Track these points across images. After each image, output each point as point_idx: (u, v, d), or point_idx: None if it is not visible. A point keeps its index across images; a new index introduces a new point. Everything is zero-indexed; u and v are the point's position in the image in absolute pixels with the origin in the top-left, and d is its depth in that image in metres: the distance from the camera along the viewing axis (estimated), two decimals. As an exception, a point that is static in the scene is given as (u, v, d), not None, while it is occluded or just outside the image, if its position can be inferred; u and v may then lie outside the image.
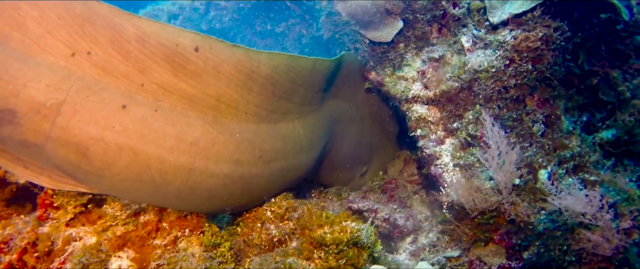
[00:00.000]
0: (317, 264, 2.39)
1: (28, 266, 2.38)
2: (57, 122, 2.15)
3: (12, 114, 2.10)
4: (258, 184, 2.69)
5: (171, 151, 2.32)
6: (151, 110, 2.31)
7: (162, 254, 2.40)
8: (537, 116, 3.23)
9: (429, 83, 3.45)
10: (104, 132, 2.21)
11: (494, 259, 3.04)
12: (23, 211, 2.56)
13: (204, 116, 2.44)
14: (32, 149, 2.19)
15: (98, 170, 2.25)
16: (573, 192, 2.84)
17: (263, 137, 2.71)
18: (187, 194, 2.43)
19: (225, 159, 2.49)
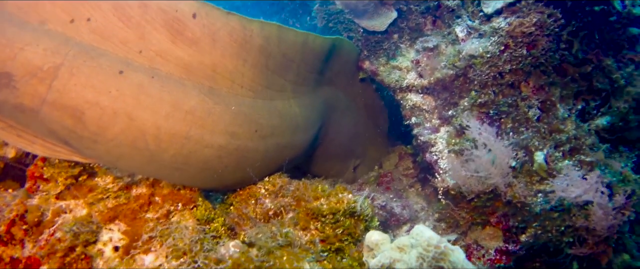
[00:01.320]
0: (313, 234, 2.36)
1: (16, 239, 2.33)
2: (53, 86, 2.13)
3: (9, 78, 2.09)
4: (253, 159, 2.66)
5: (167, 118, 2.30)
6: (148, 77, 2.30)
7: (154, 227, 2.36)
8: (532, 102, 3.24)
9: (423, 72, 3.46)
10: (100, 97, 2.19)
11: (491, 242, 3.01)
12: (11, 188, 2.51)
13: (200, 86, 2.44)
14: (28, 113, 2.16)
15: (93, 135, 2.22)
16: (569, 173, 2.82)
17: (259, 112, 2.70)
18: (181, 163, 2.39)
19: (221, 131, 2.48)
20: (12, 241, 2.33)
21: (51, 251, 2.20)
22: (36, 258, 2.29)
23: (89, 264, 2.23)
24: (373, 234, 2.23)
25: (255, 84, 2.70)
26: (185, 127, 2.35)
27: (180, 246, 2.29)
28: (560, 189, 2.73)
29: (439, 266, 1.87)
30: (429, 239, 1.92)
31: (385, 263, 1.98)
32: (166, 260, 2.30)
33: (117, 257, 2.31)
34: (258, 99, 2.73)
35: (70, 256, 2.20)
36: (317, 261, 2.25)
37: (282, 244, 2.29)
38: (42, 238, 2.26)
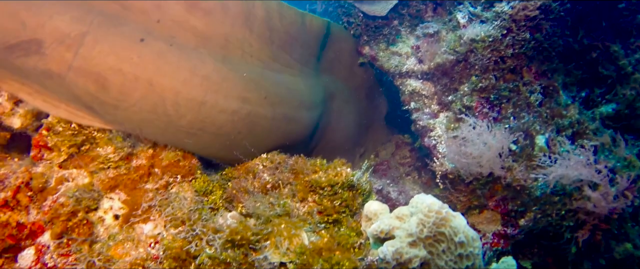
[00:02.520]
0: (311, 206, 2.39)
1: (21, 205, 2.40)
2: (79, 53, 2.22)
3: (39, 44, 2.17)
4: (262, 125, 2.77)
5: (185, 84, 2.41)
6: (167, 44, 2.42)
7: (153, 197, 2.41)
8: (534, 87, 3.23)
9: (423, 57, 3.47)
10: (122, 63, 2.29)
11: (489, 226, 3.00)
12: (17, 156, 2.59)
13: (214, 54, 2.57)
14: (55, 79, 2.24)
15: (114, 101, 2.31)
16: (572, 156, 2.80)
17: (268, 80, 2.83)
18: (198, 129, 2.49)
19: (234, 96, 2.59)
20: (18, 206, 2.40)
21: (54, 215, 2.26)
22: (40, 224, 2.36)
23: (90, 230, 2.29)
24: (372, 204, 2.25)
25: (263, 54, 2.85)
26: (201, 93, 2.46)
27: (178, 215, 2.34)
28: (558, 169, 2.70)
29: (440, 232, 1.87)
30: (430, 205, 1.92)
31: (384, 228, 1.98)
32: (165, 229, 2.35)
33: (117, 225, 2.36)
34: (266, 70, 2.87)
35: (73, 221, 2.26)
36: (314, 232, 2.28)
37: (280, 214, 2.33)
38: (46, 204, 2.33)
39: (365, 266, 2.01)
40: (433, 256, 1.87)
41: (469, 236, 1.84)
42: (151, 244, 2.28)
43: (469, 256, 1.83)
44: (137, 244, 2.29)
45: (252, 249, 2.14)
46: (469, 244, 1.84)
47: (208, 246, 2.13)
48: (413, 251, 1.83)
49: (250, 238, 2.13)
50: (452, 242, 1.84)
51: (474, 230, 1.89)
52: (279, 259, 2.08)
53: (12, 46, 2.15)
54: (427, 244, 1.87)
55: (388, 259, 1.82)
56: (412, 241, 1.87)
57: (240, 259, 2.09)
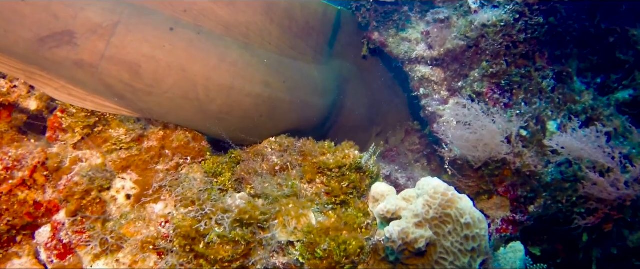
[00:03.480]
0: (319, 187, 2.41)
1: (38, 184, 2.47)
2: (112, 42, 2.28)
3: (71, 35, 2.22)
4: (282, 108, 2.90)
5: (215, 70, 2.52)
6: (195, 33, 2.51)
7: (164, 178, 2.46)
8: (547, 72, 3.20)
9: (433, 43, 3.45)
10: (155, 51, 2.36)
11: (498, 212, 2.99)
12: (34, 137, 2.66)
13: (237, 41, 2.69)
14: (86, 69, 2.30)
15: (148, 87, 2.39)
16: (582, 138, 2.77)
17: (285, 67, 2.97)
18: (225, 113, 2.61)
19: (258, 80, 2.71)
20: (35, 185, 2.47)
21: (69, 194, 2.32)
22: (56, 203, 2.43)
23: (103, 209, 2.35)
24: (379, 185, 2.26)
25: (281, 42, 2.97)
26: (230, 78, 2.58)
27: (188, 195, 2.39)
28: (568, 152, 2.68)
29: (446, 213, 1.87)
30: (436, 187, 1.93)
31: (390, 209, 1.99)
32: (175, 208, 2.40)
33: (129, 204, 2.42)
34: (283, 57, 3.00)
35: (87, 199, 2.31)
36: (322, 212, 2.30)
37: (288, 194, 2.36)
38: (61, 184, 2.39)
39: (372, 245, 2.03)
40: (439, 236, 1.88)
41: (475, 218, 1.85)
42: (162, 224, 2.33)
43: (475, 237, 1.84)
44: (148, 223, 2.34)
45: (260, 228, 2.17)
46: (475, 226, 1.84)
47: (217, 225, 2.17)
48: (419, 232, 1.84)
49: (258, 217, 2.16)
50: (459, 223, 1.85)
51: (479, 212, 1.89)
52: (286, 238, 2.11)
53: (45, 38, 2.20)
54: (433, 225, 1.88)
55: (394, 239, 1.83)
56: (418, 222, 1.88)
57: (248, 238, 2.12)
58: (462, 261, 1.84)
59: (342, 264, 1.96)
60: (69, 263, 2.21)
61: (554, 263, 3.09)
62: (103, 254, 2.23)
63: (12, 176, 2.43)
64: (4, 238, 2.38)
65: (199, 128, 2.68)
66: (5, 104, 2.60)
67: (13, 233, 2.40)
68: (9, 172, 2.44)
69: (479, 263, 1.84)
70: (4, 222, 2.37)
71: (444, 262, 1.86)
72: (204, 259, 2.12)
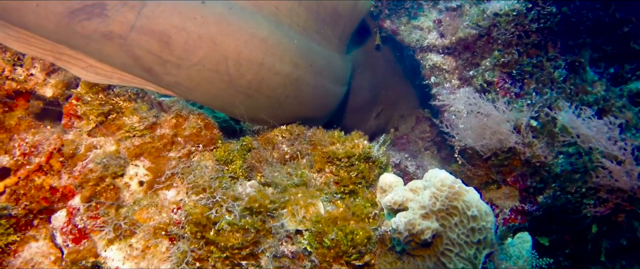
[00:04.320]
0: (328, 176, 2.44)
1: (54, 170, 2.54)
2: (142, 13, 2.29)
3: (102, 7, 2.24)
4: (306, 92, 2.92)
5: (246, 45, 2.51)
6: (226, 8, 2.52)
7: (176, 165, 2.50)
8: (559, 62, 3.17)
9: (445, 31, 3.44)
10: (186, 22, 2.36)
11: (507, 202, 3.01)
12: (50, 124, 2.72)
13: (268, 19, 2.68)
14: (115, 41, 2.30)
15: (178, 59, 2.39)
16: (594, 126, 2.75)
17: (312, 51, 2.97)
18: (254, 90, 2.61)
19: (287, 60, 2.71)
20: (51, 171, 2.54)
21: (84, 180, 2.38)
22: (71, 188, 2.49)
23: (116, 195, 2.40)
24: (387, 176, 2.28)
25: (308, 26, 2.96)
26: (260, 54, 2.57)
27: (200, 183, 2.43)
28: (582, 140, 2.67)
29: (453, 205, 1.89)
30: (443, 179, 1.94)
31: (397, 200, 2.02)
32: (186, 195, 2.45)
33: (142, 191, 2.47)
34: (311, 41, 2.99)
35: (101, 186, 2.37)
36: (330, 201, 2.34)
37: (297, 183, 2.39)
38: (76, 170, 2.45)
39: (379, 235, 2.06)
40: (445, 228, 1.90)
41: (481, 210, 1.87)
42: (174, 210, 2.38)
43: (481, 230, 1.86)
44: (160, 210, 2.39)
45: (269, 216, 2.21)
46: (482, 218, 1.86)
47: (227, 212, 2.22)
48: (425, 223, 1.87)
49: (268, 206, 2.20)
50: (465, 216, 1.87)
51: (487, 204, 1.91)
52: (295, 226, 2.15)
53: (76, 10, 2.21)
54: (439, 217, 1.90)
55: (401, 230, 1.86)
56: (424, 213, 1.90)
57: (258, 226, 2.17)
58: (467, 252, 1.87)
59: (349, 253, 2.00)
60: (84, 247, 2.28)
61: (562, 253, 3.11)
62: (116, 239, 2.30)
63: (29, 162, 2.50)
64: (22, 222, 2.46)
65: (225, 106, 2.68)
66: (22, 91, 2.66)
67: (30, 217, 2.47)
68: (26, 158, 2.50)
69: (484, 255, 1.86)
70: (22, 206, 2.44)
71: (450, 253, 1.89)
72: (214, 246, 2.17)
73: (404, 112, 4.35)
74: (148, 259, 2.32)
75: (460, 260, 1.87)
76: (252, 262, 2.17)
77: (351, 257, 2.01)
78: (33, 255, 2.45)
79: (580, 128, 2.78)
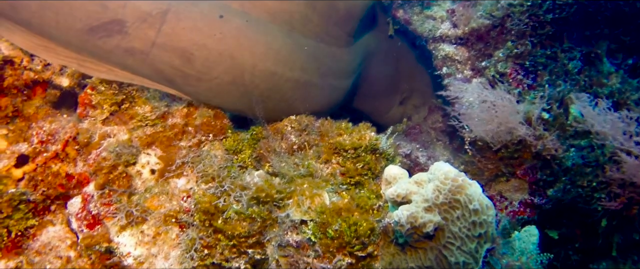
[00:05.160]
0: (334, 167, 2.47)
1: (70, 157, 2.62)
2: (162, 30, 2.37)
3: (121, 25, 2.31)
4: (314, 93, 3.02)
5: (261, 58, 2.63)
6: (243, 20, 2.59)
7: (186, 154, 2.56)
8: (574, 54, 3.12)
9: (458, 21, 3.40)
10: (206, 40, 2.45)
11: (516, 194, 2.99)
12: (66, 113, 2.80)
13: (281, 29, 2.76)
14: (137, 56, 2.40)
15: (198, 74, 2.49)
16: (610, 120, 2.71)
17: (321, 53, 3.06)
18: (266, 97, 2.72)
19: (297, 67, 2.83)
20: (67, 158, 2.63)
21: (98, 168, 2.46)
22: (86, 175, 2.58)
23: (129, 183, 2.48)
24: (392, 168, 2.29)
25: (319, 30, 3.03)
26: (273, 65, 2.68)
27: (209, 172, 2.48)
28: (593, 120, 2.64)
29: (455, 199, 1.90)
30: (447, 173, 1.95)
31: (401, 193, 2.03)
32: (196, 184, 2.51)
33: (153, 179, 2.54)
34: (320, 43, 3.07)
35: (113, 174, 2.45)
36: (335, 192, 2.37)
37: (303, 174, 2.42)
38: (90, 158, 2.53)
39: (382, 227, 2.09)
40: (447, 222, 1.91)
41: (483, 204, 1.87)
42: (184, 198, 2.44)
43: (483, 223, 1.87)
44: (171, 198, 2.46)
45: (276, 206, 2.26)
46: (483, 212, 1.87)
47: (235, 201, 2.27)
48: (428, 216, 1.89)
49: (274, 195, 2.24)
50: (467, 209, 1.88)
51: (489, 199, 1.91)
52: (300, 217, 2.19)
53: (95, 28, 2.29)
54: (442, 210, 1.91)
55: (402, 223, 1.88)
56: (427, 207, 1.92)
57: (264, 216, 2.22)
58: (469, 246, 1.88)
59: (352, 244, 2.03)
60: (98, 232, 2.37)
61: (572, 247, 3.09)
62: (128, 225, 2.38)
63: (46, 149, 2.59)
64: (40, 207, 2.56)
65: (239, 109, 2.81)
66: (39, 80, 2.74)
67: (48, 203, 2.57)
68: (43, 146, 2.59)
69: (485, 249, 1.87)
70: (40, 192, 2.54)
71: (452, 247, 1.90)
72: (222, 234, 2.22)
73: (417, 102, 4.34)
74: (159, 245, 2.40)
75: (461, 254, 1.89)
76: (258, 250, 2.23)
77: (354, 248, 2.04)
78: (50, 239, 2.55)
79: (594, 121, 2.74)
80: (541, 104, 2.87)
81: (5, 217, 2.44)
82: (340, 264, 2.02)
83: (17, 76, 2.65)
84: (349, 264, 2.03)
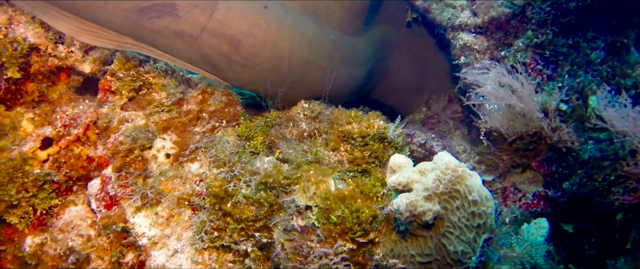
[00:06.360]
0: (342, 155, 2.50)
1: (91, 141, 2.75)
2: (214, 16, 2.49)
3: (172, 7, 2.41)
4: (338, 80, 3.13)
5: (297, 46, 2.82)
6: (282, 11, 2.76)
7: (200, 140, 2.64)
8: (597, 43, 3.02)
9: (478, 9, 3.33)
10: (253, 28, 2.59)
11: (530, 186, 2.95)
12: (88, 98, 2.93)
13: (311, 19, 2.95)
14: (185, 39, 2.51)
15: (244, 60, 2.65)
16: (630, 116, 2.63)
17: (343, 43, 3.24)
18: (298, 83, 2.88)
19: (325, 55, 3.02)
20: (88, 142, 2.75)
21: (115, 152, 2.57)
22: (105, 158, 2.69)
23: (144, 166, 2.58)
24: (397, 156, 2.31)
25: (341, 20, 3.22)
26: (306, 53, 2.87)
27: (220, 157, 2.55)
28: (612, 128, 2.57)
29: (455, 189, 1.91)
30: (448, 163, 1.96)
31: (402, 181, 2.05)
32: (208, 169, 2.59)
33: (168, 163, 2.63)
34: (342, 34, 3.25)
35: (130, 157, 2.55)
36: (342, 179, 2.40)
37: (311, 161, 2.46)
38: (109, 141, 2.64)
39: (384, 214, 2.11)
40: (447, 211, 1.92)
41: (482, 196, 1.87)
42: (196, 182, 2.53)
43: (481, 214, 1.86)
44: (184, 181, 2.55)
45: (283, 191, 2.31)
46: (482, 204, 1.87)
47: (245, 186, 2.33)
48: (427, 205, 1.90)
49: (281, 181, 2.29)
50: (466, 200, 1.88)
51: (488, 190, 1.91)
52: (305, 202, 2.23)
53: (145, 8, 2.38)
54: (442, 199, 1.92)
55: (401, 210, 1.90)
56: (427, 195, 1.93)
57: (271, 200, 2.27)
58: (467, 236, 1.88)
59: (354, 230, 2.07)
60: (114, 213, 2.48)
61: (588, 241, 3.02)
62: (144, 207, 2.48)
63: (69, 133, 2.72)
64: (63, 188, 2.69)
65: (271, 95, 2.91)
66: (63, 67, 2.87)
67: (70, 183, 2.70)
68: (66, 129, 2.72)
69: (483, 239, 1.87)
70: (63, 173, 2.67)
71: (451, 236, 1.91)
72: (230, 217, 2.29)
73: (437, 91, 4.30)
74: (172, 226, 2.49)
75: (460, 243, 1.90)
76: (265, 234, 2.29)
77: (356, 234, 2.07)
78: (72, 218, 2.68)
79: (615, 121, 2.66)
80: (559, 95, 2.80)
81: (31, 196, 2.59)
82: (342, 249, 2.06)
83: (43, 62, 2.78)
84: (350, 249, 2.07)
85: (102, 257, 2.62)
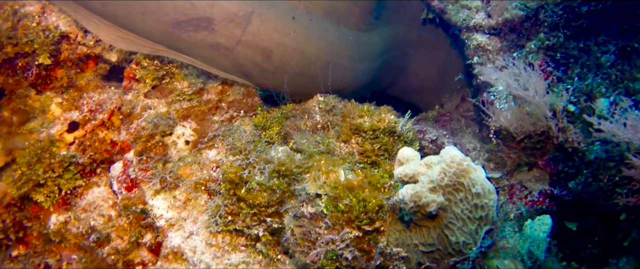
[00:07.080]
0: (353, 147, 2.61)
1: (115, 126, 2.89)
2: (248, 29, 2.65)
3: (208, 22, 2.56)
4: (355, 77, 3.39)
5: (323, 51, 3.03)
6: (308, 20, 2.94)
7: (218, 128, 2.77)
8: (608, 47, 3.07)
9: (492, 11, 3.40)
10: (283, 38, 2.77)
11: (536, 184, 3.02)
12: (114, 85, 3.07)
13: (332, 24, 3.12)
14: (221, 51, 2.68)
15: (275, 68, 2.83)
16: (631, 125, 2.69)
17: (359, 42, 3.41)
18: (323, 84, 2.99)
19: (345, 56, 3.24)
20: (112, 127, 2.90)
21: (137, 137, 2.71)
22: (127, 143, 2.84)
23: (164, 151, 2.71)
24: (406, 149, 2.39)
25: (359, 21, 3.39)
26: (329, 56, 3.05)
27: (237, 145, 2.68)
28: (612, 130, 2.62)
29: (459, 182, 1.99)
30: (453, 156, 2.04)
31: (408, 173, 2.15)
32: (225, 156, 2.71)
33: (187, 149, 2.76)
34: (359, 32, 3.41)
35: (151, 142, 2.69)
36: (351, 170, 2.51)
37: (323, 151, 2.57)
38: (132, 127, 2.78)
39: (390, 205, 2.21)
40: (451, 203, 2.01)
41: (485, 189, 1.95)
42: (213, 168, 2.65)
43: (484, 207, 1.95)
44: (202, 167, 2.68)
45: (294, 180, 2.42)
46: (485, 196, 1.95)
47: (259, 173, 2.45)
48: (431, 196, 1.99)
49: (293, 170, 2.40)
50: (470, 192, 1.97)
51: (491, 183, 1.99)
52: (315, 190, 2.34)
53: (181, 22, 2.53)
54: (446, 192, 2.01)
55: (406, 201, 2.00)
56: (432, 187, 2.02)
57: (283, 188, 2.39)
58: (469, 227, 1.98)
59: (361, 219, 2.17)
60: (134, 195, 2.62)
61: (592, 240, 3.08)
62: (162, 190, 2.61)
63: (95, 118, 2.86)
64: (87, 170, 2.84)
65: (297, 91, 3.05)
66: (91, 55, 3.02)
67: (94, 166, 2.85)
68: (92, 114, 2.87)
69: (484, 230, 1.96)
70: (87, 156, 2.82)
71: (453, 226, 2.00)
72: (244, 202, 2.41)
73: (451, 90, 4.37)
74: (188, 210, 2.62)
75: (462, 234, 1.99)
76: (276, 219, 2.40)
77: (362, 222, 2.18)
78: (95, 199, 2.83)
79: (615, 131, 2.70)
80: (568, 96, 2.86)
81: (57, 176, 2.74)
82: (348, 236, 2.17)
83: (72, 50, 2.93)
84: (356, 237, 2.17)
85: (122, 237, 2.76)
